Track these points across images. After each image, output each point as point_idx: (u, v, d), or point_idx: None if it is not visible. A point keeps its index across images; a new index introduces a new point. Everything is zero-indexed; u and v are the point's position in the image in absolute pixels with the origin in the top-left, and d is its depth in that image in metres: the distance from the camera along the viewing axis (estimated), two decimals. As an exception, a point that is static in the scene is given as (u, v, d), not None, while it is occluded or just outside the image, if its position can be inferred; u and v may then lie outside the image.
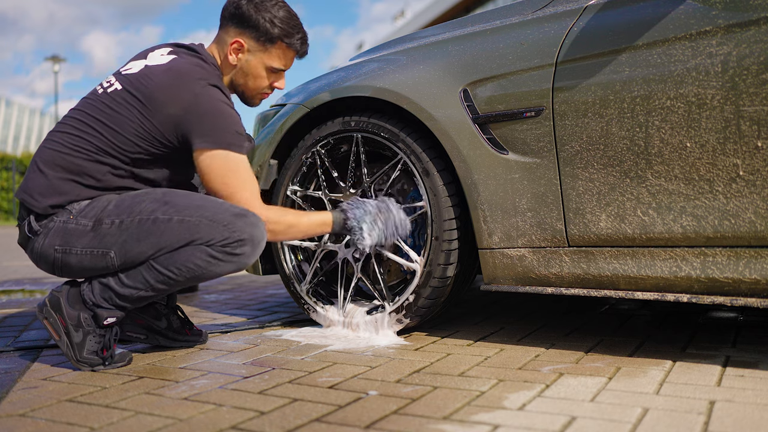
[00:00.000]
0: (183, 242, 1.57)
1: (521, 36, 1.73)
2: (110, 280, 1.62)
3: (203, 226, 1.57)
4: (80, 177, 1.65)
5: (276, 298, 2.89)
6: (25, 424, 1.24)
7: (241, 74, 1.80)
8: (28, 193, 1.66)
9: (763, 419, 1.15)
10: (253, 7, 1.75)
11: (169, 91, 1.63)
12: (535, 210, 1.67)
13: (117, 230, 1.59)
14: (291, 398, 1.35)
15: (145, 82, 1.66)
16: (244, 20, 1.75)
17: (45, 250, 1.64)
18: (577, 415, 1.19)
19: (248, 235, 1.59)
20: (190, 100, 1.63)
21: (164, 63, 1.69)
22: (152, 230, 1.57)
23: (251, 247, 1.60)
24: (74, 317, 1.63)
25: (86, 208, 1.63)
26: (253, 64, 1.79)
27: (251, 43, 1.77)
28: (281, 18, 1.76)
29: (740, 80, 1.40)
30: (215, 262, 1.58)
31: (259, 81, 1.82)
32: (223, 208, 1.60)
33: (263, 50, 1.78)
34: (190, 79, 1.65)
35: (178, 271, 1.58)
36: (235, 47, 1.77)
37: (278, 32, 1.76)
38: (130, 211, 1.60)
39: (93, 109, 1.69)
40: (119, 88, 1.68)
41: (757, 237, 1.41)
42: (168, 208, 1.59)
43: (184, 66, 1.68)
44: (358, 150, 2.01)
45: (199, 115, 1.63)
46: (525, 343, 1.81)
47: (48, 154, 1.67)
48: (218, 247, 1.57)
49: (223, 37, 1.80)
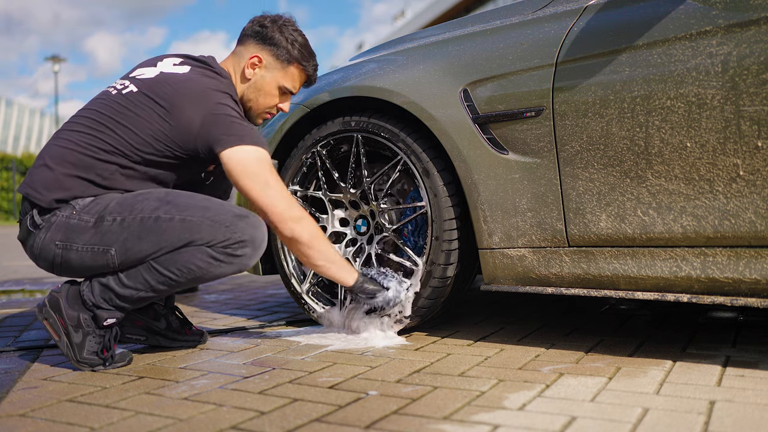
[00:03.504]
0: (184, 242, 1.57)
1: (521, 36, 1.73)
2: (110, 281, 1.62)
3: (205, 227, 1.57)
4: (87, 174, 1.65)
5: (276, 298, 2.89)
6: (25, 424, 1.24)
7: (253, 89, 1.84)
8: (32, 187, 1.66)
9: (763, 419, 1.15)
10: (277, 28, 1.83)
11: (191, 99, 1.66)
12: (536, 210, 1.67)
13: (118, 227, 1.59)
14: (291, 398, 1.35)
15: (164, 88, 1.68)
16: (267, 38, 1.82)
17: (46, 245, 1.64)
18: (577, 415, 1.19)
19: (249, 236, 1.59)
20: (210, 108, 1.66)
21: (182, 73, 1.73)
22: (153, 229, 1.58)
23: (252, 249, 1.61)
24: (74, 318, 1.63)
25: (90, 205, 1.64)
26: (268, 81, 1.84)
27: (270, 59, 1.83)
28: (300, 43, 1.85)
29: (740, 80, 1.40)
30: (216, 264, 1.59)
31: (269, 99, 1.86)
32: (225, 209, 1.61)
33: (280, 68, 1.84)
34: (211, 90, 1.69)
35: (178, 272, 1.58)
36: (253, 61, 1.82)
37: (297, 54, 1.84)
38: (132, 208, 1.61)
39: (108, 109, 1.70)
40: (135, 91, 1.70)
41: (757, 237, 1.41)
42: (170, 207, 1.60)
43: (203, 78, 1.73)
44: (358, 150, 2.01)
45: (219, 122, 1.66)
46: (525, 343, 1.81)
47: (57, 150, 1.67)
48: (219, 248, 1.57)
49: (242, 52, 1.85)
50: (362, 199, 2.06)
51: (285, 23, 1.85)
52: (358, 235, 2.10)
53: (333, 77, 2.10)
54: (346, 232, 2.13)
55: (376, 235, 2.06)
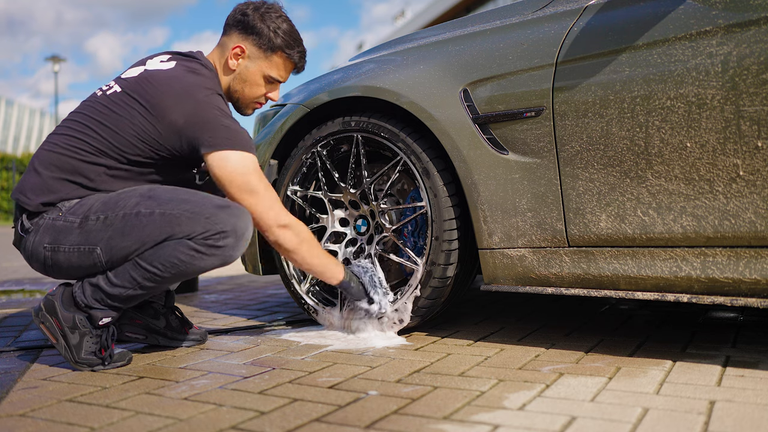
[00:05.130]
0: (164, 236, 1.56)
1: (521, 36, 1.73)
2: (100, 281, 1.62)
3: (184, 219, 1.56)
4: (74, 176, 1.66)
5: (276, 298, 2.89)
6: (25, 424, 1.24)
7: (239, 80, 1.82)
8: (22, 192, 1.67)
9: (763, 419, 1.15)
10: (259, 16, 1.79)
11: (173, 98, 1.64)
12: (535, 210, 1.67)
13: (102, 226, 1.59)
14: (291, 398, 1.35)
15: (146, 87, 1.67)
16: (249, 27, 1.79)
17: (36, 249, 1.65)
18: (577, 415, 1.19)
19: (231, 226, 1.57)
20: (193, 106, 1.64)
21: (165, 69, 1.71)
22: (135, 224, 1.57)
23: (234, 239, 1.58)
24: (69, 319, 1.63)
25: (75, 206, 1.64)
26: (252, 71, 1.82)
27: (252, 49, 1.80)
28: (284, 30, 1.81)
29: (740, 80, 1.40)
30: (198, 256, 1.57)
31: (256, 89, 1.84)
32: (206, 200, 1.59)
33: (263, 58, 1.81)
34: (194, 87, 1.67)
35: (162, 267, 1.57)
36: (236, 52, 1.80)
37: (280, 42, 1.80)
38: (115, 206, 1.60)
39: (91, 110, 1.70)
40: (118, 91, 1.70)
41: (757, 237, 1.41)
42: (151, 201, 1.59)
43: (187, 74, 1.70)
44: (358, 150, 2.01)
45: (203, 122, 1.64)
46: (525, 343, 1.81)
47: (44, 155, 1.68)
48: (200, 239, 1.56)
49: (226, 43, 1.83)
50: (362, 199, 2.06)
51: (267, 10, 1.80)
52: (358, 235, 2.10)
53: (333, 77, 2.10)
54: (346, 232, 2.13)
55: (376, 235, 2.06)
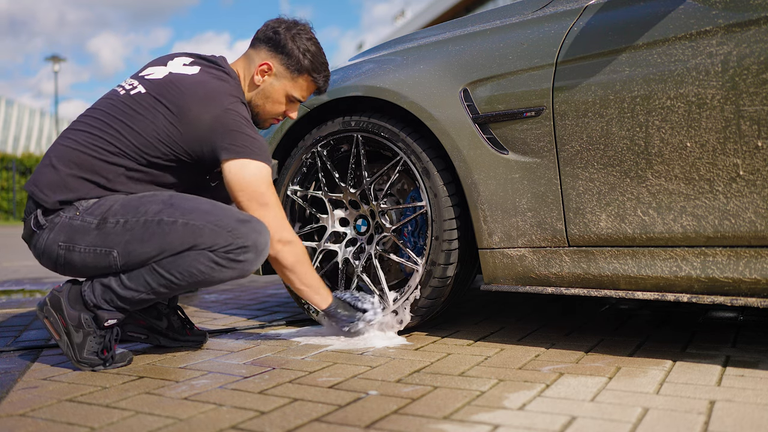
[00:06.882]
0: (186, 246, 1.57)
1: (521, 36, 1.73)
2: (111, 282, 1.62)
3: (207, 231, 1.57)
4: (92, 175, 1.65)
5: (276, 298, 2.89)
6: (25, 424, 1.24)
7: (261, 96, 1.83)
8: (37, 186, 1.65)
9: (763, 419, 1.15)
10: (290, 36, 1.79)
11: (199, 103, 1.65)
12: (535, 210, 1.67)
13: (121, 229, 1.59)
14: (291, 398, 1.35)
15: (172, 90, 1.67)
16: (279, 46, 1.80)
17: (49, 246, 1.64)
18: (577, 415, 1.19)
19: (252, 241, 1.59)
20: (218, 113, 1.65)
21: (192, 74, 1.71)
22: (156, 232, 1.57)
23: (254, 254, 1.60)
24: (75, 318, 1.63)
25: (93, 206, 1.63)
26: (276, 89, 1.82)
27: (280, 68, 1.81)
28: (313, 53, 1.82)
29: (740, 80, 1.40)
30: (218, 269, 1.58)
31: (277, 107, 1.85)
32: (228, 214, 1.60)
33: (289, 78, 1.82)
34: (220, 93, 1.68)
35: (180, 275, 1.58)
36: (263, 68, 1.80)
37: (308, 65, 1.81)
38: (136, 211, 1.60)
39: (114, 109, 1.69)
40: (143, 92, 1.69)
41: (757, 237, 1.41)
42: (174, 210, 1.59)
43: (212, 80, 1.71)
44: (358, 150, 2.01)
45: (227, 129, 1.65)
46: (525, 343, 1.81)
47: (63, 150, 1.67)
48: (221, 252, 1.57)
49: (253, 57, 1.83)
50: (362, 199, 2.07)
51: (299, 31, 1.81)
52: (358, 234, 2.10)
53: (333, 77, 2.10)
54: (346, 232, 2.13)
55: (376, 235, 2.06)
